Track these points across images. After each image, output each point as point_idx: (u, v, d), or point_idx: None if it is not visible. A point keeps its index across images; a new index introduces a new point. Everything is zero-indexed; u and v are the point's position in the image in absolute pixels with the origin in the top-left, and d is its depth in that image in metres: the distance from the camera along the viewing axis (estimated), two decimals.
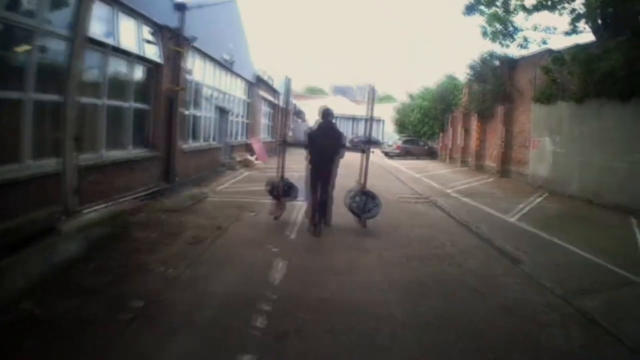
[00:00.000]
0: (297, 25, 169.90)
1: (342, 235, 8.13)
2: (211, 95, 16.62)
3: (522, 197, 13.69)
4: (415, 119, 35.95)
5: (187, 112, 14.04)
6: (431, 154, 33.16)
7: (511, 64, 20.18)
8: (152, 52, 11.22)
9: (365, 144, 10.10)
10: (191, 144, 14.44)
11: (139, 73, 11.00)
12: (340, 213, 9.09)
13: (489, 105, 21.74)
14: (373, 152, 10.32)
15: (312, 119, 39.53)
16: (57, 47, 7.27)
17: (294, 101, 52.53)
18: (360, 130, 57.11)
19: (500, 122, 20.04)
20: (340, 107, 57.56)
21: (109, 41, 9.06)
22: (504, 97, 20.24)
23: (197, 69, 14.84)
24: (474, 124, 23.86)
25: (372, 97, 9.92)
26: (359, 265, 6.42)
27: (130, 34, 10.17)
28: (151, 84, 11.59)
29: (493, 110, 21.46)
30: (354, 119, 56.91)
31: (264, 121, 28.33)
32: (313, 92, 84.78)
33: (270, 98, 29.18)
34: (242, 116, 22.31)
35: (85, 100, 8.33)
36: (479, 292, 5.55)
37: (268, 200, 10.63)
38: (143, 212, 9.25)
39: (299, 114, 50.05)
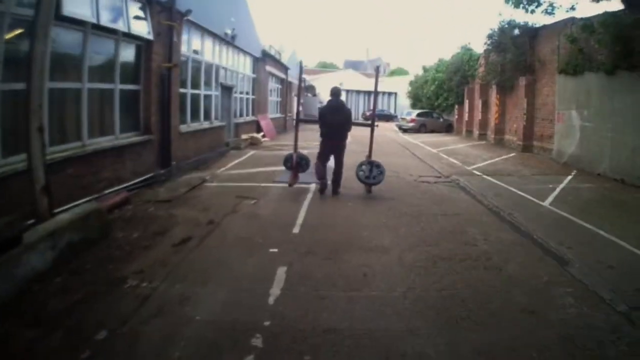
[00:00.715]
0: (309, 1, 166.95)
1: (355, 229, 6.90)
2: (212, 72, 15.36)
3: (550, 176, 12.40)
4: (429, 92, 34.23)
5: (184, 91, 12.89)
6: (447, 128, 31.70)
7: (532, 33, 18.61)
8: (141, 28, 10.08)
9: (377, 117, 11.14)
10: (190, 125, 13.32)
11: (126, 52, 9.96)
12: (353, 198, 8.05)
13: (509, 77, 20.18)
14: (377, 126, 10.58)
15: (323, 93, 38.63)
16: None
17: (304, 76, 51.31)
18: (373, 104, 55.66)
19: (522, 95, 18.57)
20: (352, 81, 56.36)
21: (88, 18, 8.00)
22: (525, 67, 18.73)
23: (195, 45, 13.61)
24: (493, 96, 22.30)
25: (377, 77, 10.64)
26: (374, 272, 5.17)
27: (114, 10, 9.12)
28: (141, 63, 10.55)
29: (513, 81, 19.94)
30: (366, 92, 55.42)
31: (272, 98, 27.01)
32: (325, 66, 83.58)
33: (279, 73, 27.86)
34: (248, 93, 21.06)
35: (62, 85, 7.68)
36: (530, 313, 4.27)
37: (271, 185, 10.36)
38: (132, 204, 8.31)
39: (309, 89, 48.77)
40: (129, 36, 9.66)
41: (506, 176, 12.16)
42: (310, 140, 18.53)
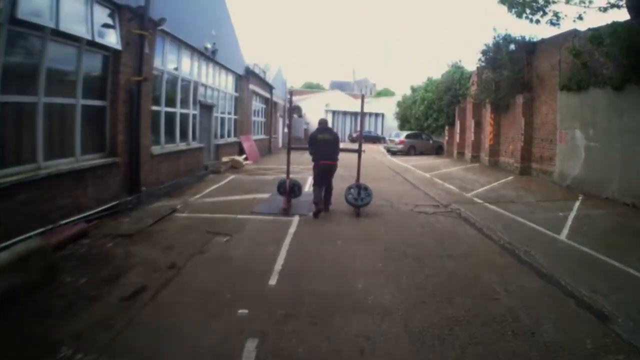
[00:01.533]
0: (294, 21, 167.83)
1: (347, 279, 5.62)
2: (190, 89, 14.18)
3: (557, 202, 11.37)
4: (418, 112, 33.21)
5: (158, 109, 11.72)
6: (437, 149, 30.69)
7: (530, 48, 17.74)
8: (108, 37, 8.97)
9: (364, 139, 11.15)
10: (165, 146, 12.10)
11: (91, 63, 8.85)
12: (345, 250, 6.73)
13: (505, 95, 19.19)
14: (364, 151, 10.63)
15: (309, 114, 37.70)
16: None
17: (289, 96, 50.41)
18: (360, 125, 54.87)
19: (519, 113, 17.60)
20: (338, 102, 55.62)
21: (46, 22, 7.02)
22: (523, 85, 17.77)
23: (171, 58, 12.47)
24: (487, 115, 21.35)
25: (362, 102, 11.03)
26: (375, 346, 3.90)
27: (77, 15, 8.11)
28: (108, 76, 9.37)
29: (509, 100, 18.97)
30: (352, 114, 54.68)
31: (256, 118, 25.86)
32: (311, 87, 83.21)
33: (263, 93, 26.81)
34: (230, 112, 19.90)
35: (14, 98, 6.70)
36: None
37: (248, 217, 9.05)
38: (89, 238, 7.11)
39: (295, 109, 47.90)
40: (94, 45, 8.56)
41: (510, 203, 11.07)
42: (296, 164, 17.40)
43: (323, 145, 9.44)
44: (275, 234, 7.61)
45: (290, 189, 9.73)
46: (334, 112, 55.01)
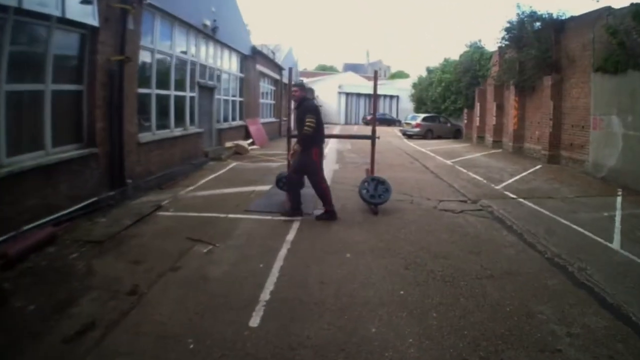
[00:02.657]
0: (308, 2, 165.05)
1: (355, 317, 4.17)
2: (187, 70, 12.82)
3: (596, 198, 9.90)
4: (435, 94, 31.35)
5: (147, 91, 10.41)
6: (455, 133, 29.03)
7: (558, 26, 16.00)
8: (82, 12, 7.56)
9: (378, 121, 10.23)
10: (156, 133, 10.82)
11: (64, 42, 7.59)
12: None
13: (530, 76, 17.46)
14: (379, 137, 8.91)
15: (323, 96, 36.29)
16: None
17: (302, 79, 48.91)
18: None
19: (547, 97, 15.92)
20: (352, 84, 53.95)
21: (6, 1, 5.85)
22: (550, 65, 16.07)
23: (163, 36, 11.08)
24: (511, 98, 19.63)
25: (375, 81, 9.19)
26: None
27: None
28: (85, 57, 8.03)
29: (535, 81, 17.26)
30: (366, 95, 53.06)
31: (264, 100, 24.43)
32: (324, 69, 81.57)
33: (272, 74, 25.32)
34: (235, 95, 18.51)
35: None
36: None
37: (242, 216, 7.67)
38: (55, 246, 5.94)
39: (307, 91, 46.40)
40: (66, 22, 7.23)
41: (546, 199, 9.57)
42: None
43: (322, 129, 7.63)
44: (269, 241, 6.22)
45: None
46: (347, 94, 53.48)
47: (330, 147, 18.99)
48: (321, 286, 4.80)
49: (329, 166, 13.91)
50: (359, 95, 53.74)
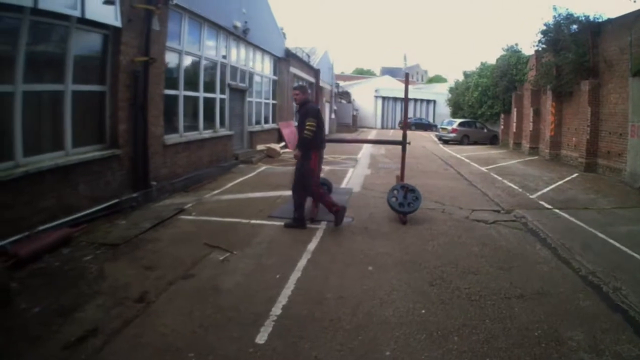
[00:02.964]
0: (346, 6, 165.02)
1: (371, 339, 3.74)
2: (217, 71, 12.64)
3: (634, 210, 9.23)
4: (472, 99, 30.48)
5: (174, 93, 10.25)
6: (492, 139, 28.17)
7: (595, 29, 15.22)
8: (103, 13, 7.41)
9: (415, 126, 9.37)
10: (184, 135, 10.62)
11: (86, 43, 7.51)
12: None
13: (567, 81, 16.70)
14: (409, 143, 8.31)
15: (359, 100, 35.93)
16: None
17: (339, 82, 48.59)
18: (411, 111, 52.65)
19: (585, 102, 15.09)
20: (388, 88, 53.34)
21: (22, 2, 5.74)
22: (588, 70, 15.30)
23: (192, 37, 10.91)
24: (548, 103, 18.83)
25: (407, 84, 8.52)
26: None
27: None
28: (107, 57, 7.90)
29: (572, 86, 16.49)
30: (403, 100, 52.21)
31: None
32: (361, 73, 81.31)
33: (307, 77, 25.01)
34: (268, 97, 18.30)
35: None
36: None
37: (264, 222, 7.35)
38: (70, 247, 5.80)
39: (343, 95, 46.12)
40: (86, 23, 7.10)
41: (582, 210, 8.94)
42: (338, 154, 15.90)
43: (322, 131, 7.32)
44: (289, 250, 5.87)
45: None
46: (383, 98, 52.93)
47: (364, 152, 18.59)
48: (338, 301, 4.40)
49: (361, 171, 13.51)
50: (395, 99, 53.07)
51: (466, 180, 12.57)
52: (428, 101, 53.15)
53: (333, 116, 38.23)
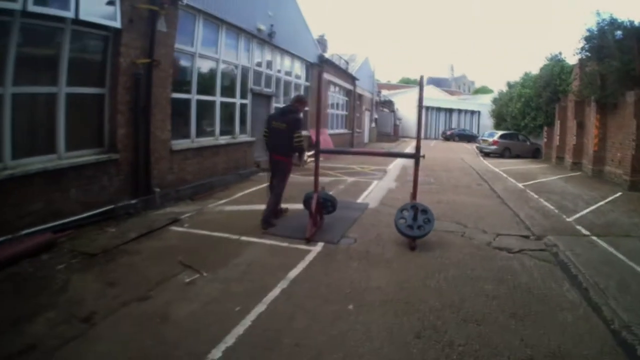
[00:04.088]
0: (393, 15, 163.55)
1: None
2: (237, 75, 11.99)
3: None
4: (515, 110, 28.66)
5: (186, 97, 9.70)
6: (534, 153, 26.44)
7: None
8: (100, 13, 7.00)
9: (459, 137, 10.39)
10: (196, 140, 10.02)
11: (83, 44, 7.15)
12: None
13: (612, 91, 15.01)
14: (423, 156, 6.94)
15: (403, 109, 34.88)
16: None
17: (381, 90, 47.56)
18: (454, 122, 51.02)
19: (630, 114, 13.52)
20: (432, 97, 51.88)
21: (11, 6, 5.58)
22: (634, 79, 13.69)
23: (205, 39, 10.29)
24: (592, 116, 17.12)
25: (421, 87, 7.03)
26: None
27: None
28: (107, 59, 7.42)
29: (617, 97, 14.81)
30: (447, 110, 50.80)
31: (333, 111, 23.37)
32: (407, 82, 79.89)
33: (344, 84, 24.24)
34: None
35: None
36: None
37: (255, 240, 6.54)
38: (50, 254, 5.57)
39: (386, 104, 45.05)
40: (82, 24, 6.67)
41: (623, 237, 7.64)
42: (367, 164, 15.05)
43: (273, 134, 7.40)
44: (266, 277, 5.02)
45: (318, 207, 7.03)
46: (427, 108, 51.42)
47: (396, 164, 17.57)
48: (292, 350, 3.54)
49: (386, 184, 12.55)
50: (439, 109, 51.53)
51: (499, 198, 11.32)
52: (472, 112, 51.30)
53: (373, 125, 37.26)
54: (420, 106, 6.76)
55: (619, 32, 14.88)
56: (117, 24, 7.25)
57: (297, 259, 5.69)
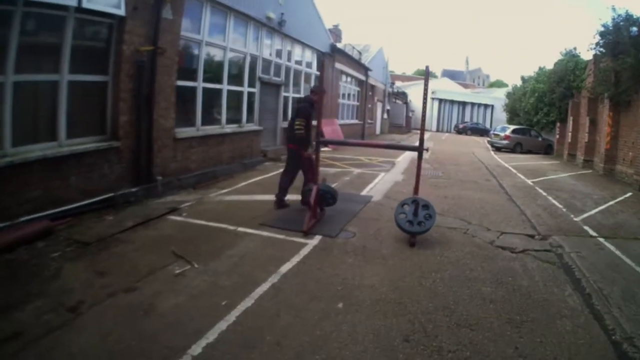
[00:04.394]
0: (410, 7, 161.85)
1: None
2: (245, 63, 11.86)
3: None
4: (528, 105, 28.10)
5: (192, 85, 9.60)
6: (546, 149, 26.02)
7: None
8: (105, 1, 6.86)
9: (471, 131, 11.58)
10: (201, 128, 9.92)
11: (87, 32, 7.07)
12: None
13: (626, 88, 14.60)
14: (427, 150, 6.91)
15: (416, 101, 34.62)
16: None
17: (395, 81, 47.05)
18: (467, 115, 50.48)
19: None
20: (447, 90, 51.36)
21: None
22: None
23: (212, 27, 10.14)
24: (605, 113, 16.70)
25: (427, 78, 6.78)
26: None
27: None
28: (110, 47, 7.32)
29: (631, 95, 14.43)
30: (460, 103, 50.22)
31: (344, 101, 23.12)
32: (422, 74, 78.98)
33: (356, 74, 23.94)
34: (308, 93, 17.40)
35: None
36: None
37: (252, 231, 6.40)
38: (46, 241, 5.51)
39: (399, 95, 44.57)
40: (85, 11, 6.56)
41: (632, 240, 7.38)
42: (375, 156, 14.90)
43: (289, 123, 7.90)
44: (257, 270, 4.91)
45: (317, 200, 6.79)
46: (440, 100, 50.97)
47: (405, 156, 17.30)
48: (272, 349, 3.42)
49: (392, 177, 12.36)
50: (452, 102, 51.00)
51: (506, 195, 11.07)
52: (486, 106, 50.68)
53: (385, 116, 36.89)
54: (425, 97, 6.55)
55: (634, 29, 14.48)
56: (121, 11, 7.14)
57: (291, 252, 5.57)
